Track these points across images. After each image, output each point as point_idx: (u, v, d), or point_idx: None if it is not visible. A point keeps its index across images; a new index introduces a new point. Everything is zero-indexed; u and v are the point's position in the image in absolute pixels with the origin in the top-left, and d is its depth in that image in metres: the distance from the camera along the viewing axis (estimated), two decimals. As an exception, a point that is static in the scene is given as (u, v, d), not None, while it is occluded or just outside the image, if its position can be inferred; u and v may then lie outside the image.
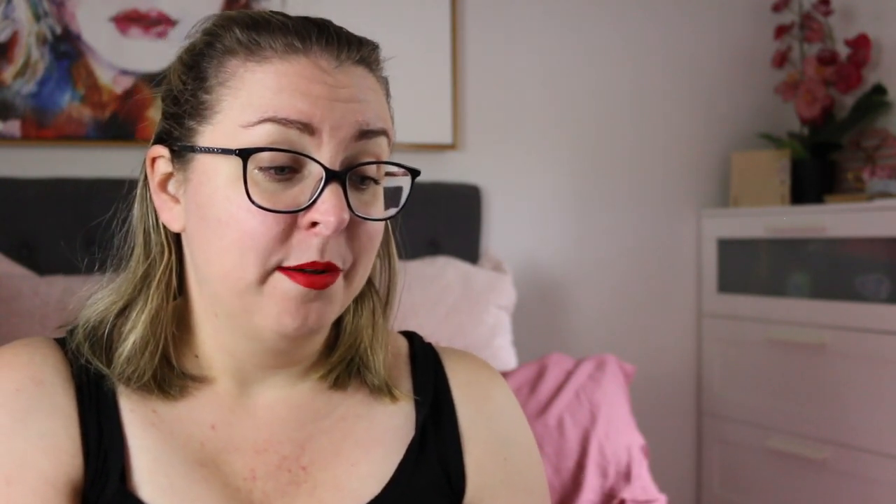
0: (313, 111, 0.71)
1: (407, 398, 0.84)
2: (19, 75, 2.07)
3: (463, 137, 2.51)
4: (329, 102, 0.72)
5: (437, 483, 0.82)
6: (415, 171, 0.79)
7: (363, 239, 0.75)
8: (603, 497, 1.88)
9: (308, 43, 0.73)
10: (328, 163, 0.72)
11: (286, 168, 0.72)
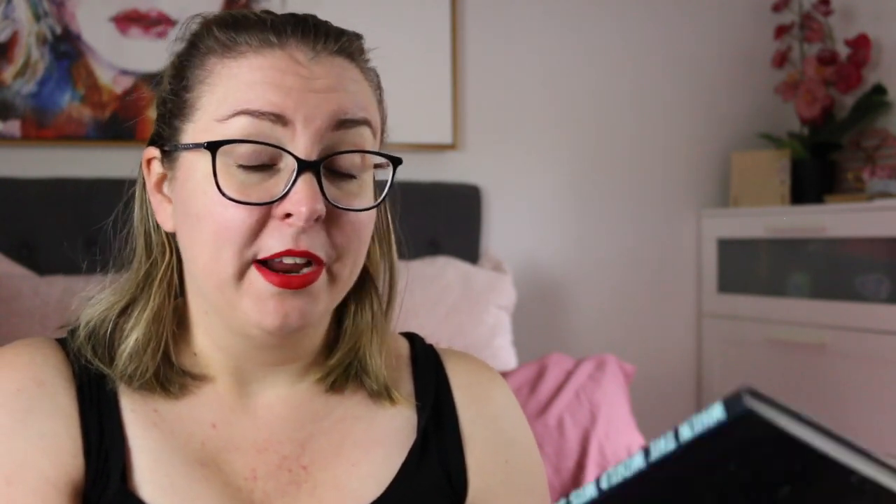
0: (285, 102, 0.71)
1: (407, 401, 0.84)
2: (19, 75, 2.07)
3: (463, 137, 2.51)
4: (302, 93, 0.72)
5: (439, 484, 0.82)
6: (396, 160, 0.77)
7: (347, 231, 0.73)
8: (603, 497, 1.88)
9: (284, 36, 0.73)
10: (303, 154, 0.71)
11: (258, 159, 0.71)
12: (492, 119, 2.55)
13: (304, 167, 0.71)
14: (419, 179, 2.36)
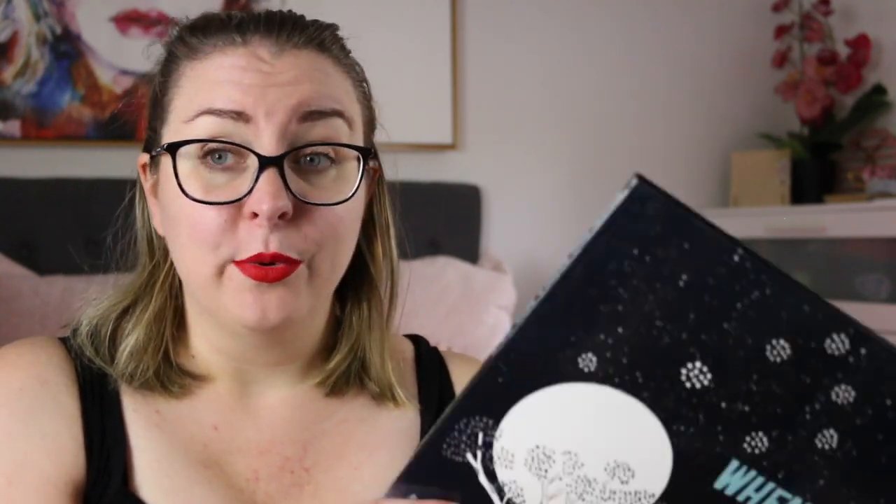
0: (245, 99, 0.70)
1: (410, 403, 0.84)
2: (19, 75, 2.07)
3: (463, 137, 2.51)
4: (262, 89, 0.71)
5: None
6: (364, 150, 0.74)
7: (321, 226, 0.72)
8: (603, 497, 1.88)
9: (248, 35, 0.73)
10: (267, 150, 0.70)
11: (225, 157, 0.71)
12: (492, 119, 2.55)
13: (266, 163, 0.69)
14: (419, 179, 2.36)
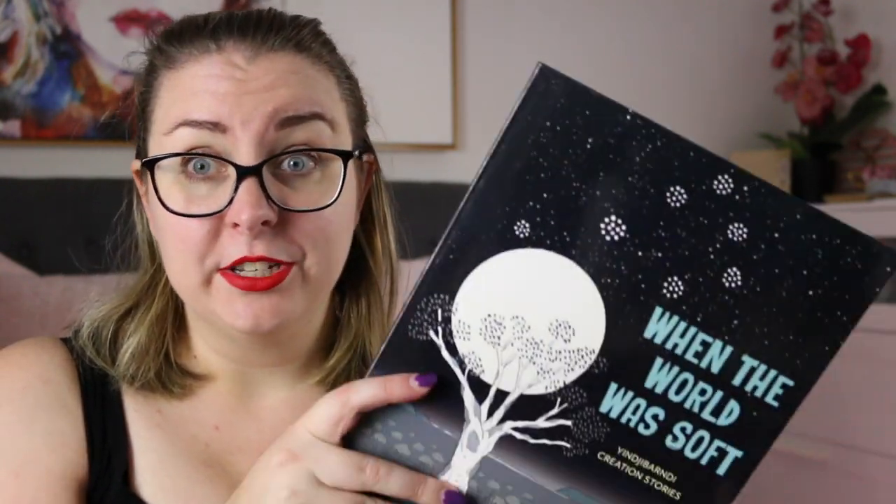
0: (220, 108, 0.69)
1: None
2: (19, 75, 2.07)
3: (463, 137, 2.51)
4: (237, 97, 0.70)
5: None
6: (345, 154, 0.73)
7: (308, 230, 0.71)
8: (603, 497, 1.88)
9: (222, 40, 0.72)
10: (245, 158, 0.69)
11: (207, 167, 0.71)
12: (492, 119, 2.55)
13: (244, 173, 0.69)
14: (419, 179, 2.36)
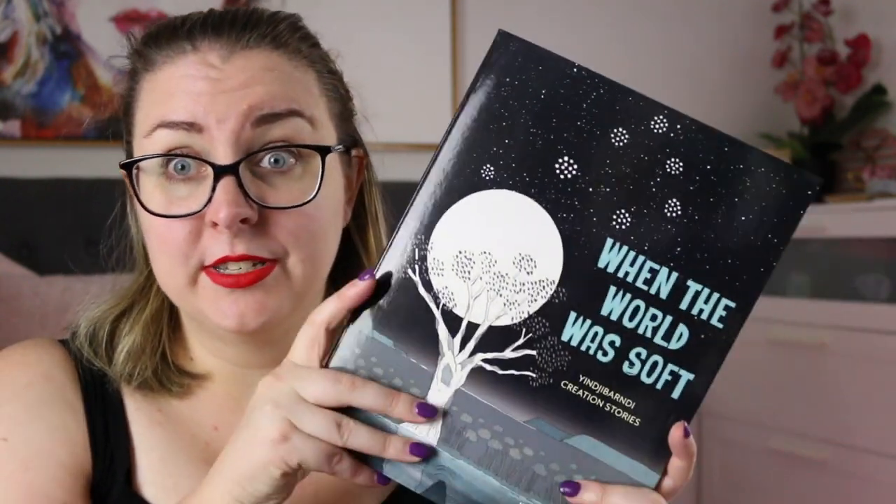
0: (195, 108, 0.70)
1: None
2: (19, 75, 2.07)
3: (463, 137, 2.51)
4: (212, 96, 0.70)
5: None
6: (323, 149, 0.72)
7: (290, 227, 0.71)
8: (603, 497, 1.88)
9: (198, 41, 0.72)
10: (222, 158, 0.69)
11: (188, 168, 0.71)
12: (492, 119, 2.55)
13: (221, 172, 0.69)
14: (419, 179, 2.36)
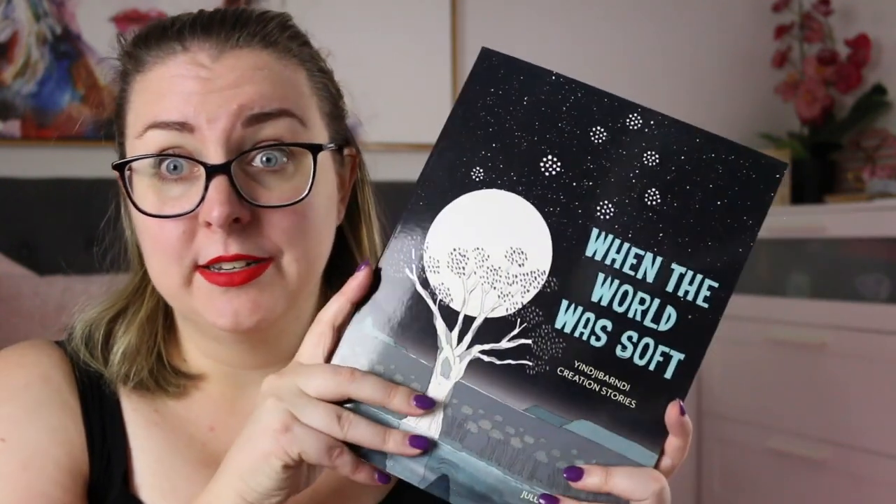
0: (186, 108, 0.70)
1: None
2: (19, 75, 2.07)
3: (463, 137, 2.51)
4: (202, 96, 0.70)
5: None
6: (314, 147, 0.72)
7: (283, 225, 0.71)
8: (603, 497, 1.88)
9: (187, 41, 0.72)
10: (213, 157, 0.69)
11: (180, 168, 0.71)
12: (492, 119, 2.55)
13: (213, 171, 0.69)
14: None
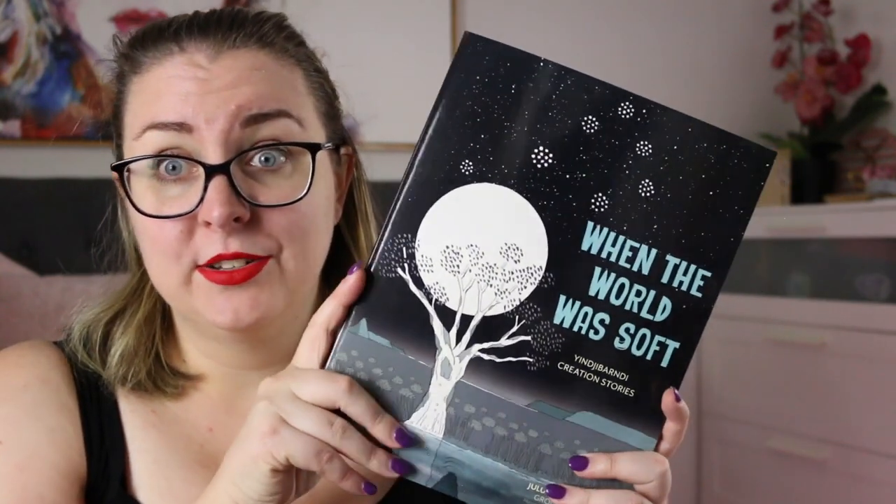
0: (184, 109, 0.70)
1: None
2: (19, 75, 2.07)
3: (463, 137, 2.52)
4: (200, 96, 0.70)
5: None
6: (312, 146, 0.73)
7: (283, 224, 0.71)
8: (603, 497, 1.88)
9: (184, 41, 0.72)
10: (212, 158, 0.69)
11: (179, 168, 0.71)
12: (492, 119, 2.55)
13: (212, 171, 0.69)
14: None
